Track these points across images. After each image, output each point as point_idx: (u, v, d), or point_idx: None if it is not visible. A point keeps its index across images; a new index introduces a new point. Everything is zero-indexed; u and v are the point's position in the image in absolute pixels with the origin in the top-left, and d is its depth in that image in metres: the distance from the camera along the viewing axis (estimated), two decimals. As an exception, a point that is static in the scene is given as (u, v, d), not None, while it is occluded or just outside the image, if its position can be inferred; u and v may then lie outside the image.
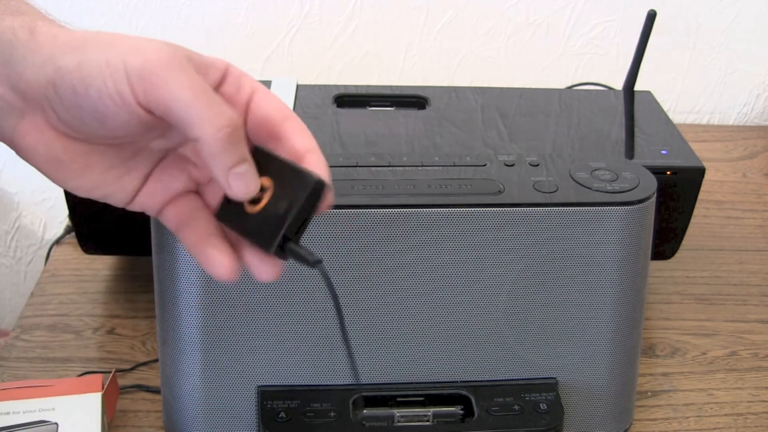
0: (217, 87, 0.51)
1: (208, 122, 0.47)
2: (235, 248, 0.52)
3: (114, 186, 0.52)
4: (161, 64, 0.47)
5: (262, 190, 0.49)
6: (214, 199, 0.53)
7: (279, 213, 0.48)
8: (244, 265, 0.52)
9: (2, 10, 0.50)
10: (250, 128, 0.53)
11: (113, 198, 0.53)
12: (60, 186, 0.53)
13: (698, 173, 0.83)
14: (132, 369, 0.81)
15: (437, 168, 0.68)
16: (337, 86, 0.94)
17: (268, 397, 0.66)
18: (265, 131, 0.52)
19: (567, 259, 0.66)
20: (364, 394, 0.67)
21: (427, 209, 0.64)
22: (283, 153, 0.51)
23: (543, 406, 0.67)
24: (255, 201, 0.49)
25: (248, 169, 0.48)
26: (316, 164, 0.51)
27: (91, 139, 0.51)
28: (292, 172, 0.49)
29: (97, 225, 0.87)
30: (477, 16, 1.22)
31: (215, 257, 0.51)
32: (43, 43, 0.49)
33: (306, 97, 0.92)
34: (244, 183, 0.48)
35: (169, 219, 0.54)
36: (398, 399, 0.68)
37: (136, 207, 0.54)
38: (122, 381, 0.78)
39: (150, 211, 0.54)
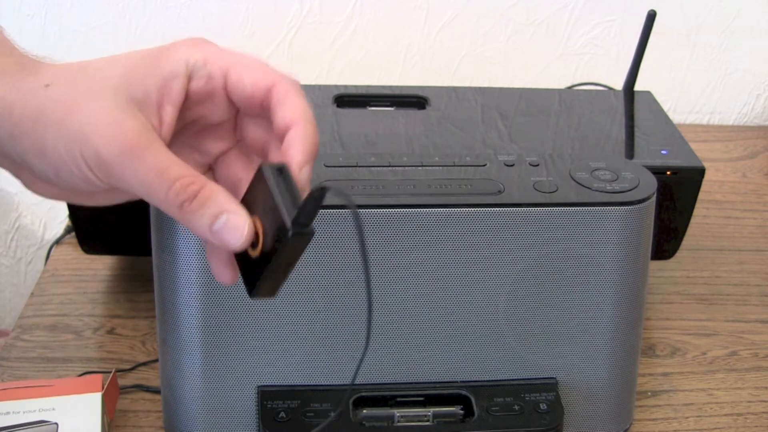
0: (187, 86, 0.50)
1: (168, 203, 0.47)
2: None
3: (129, 196, 0.52)
4: (113, 157, 0.47)
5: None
6: (228, 171, 0.53)
7: (268, 219, 0.47)
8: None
9: None
10: (239, 106, 0.52)
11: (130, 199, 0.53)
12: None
13: (698, 173, 0.83)
14: (132, 369, 0.81)
15: (437, 168, 0.68)
16: (337, 86, 0.94)
17: (268, 397, 0.66)
18: (255, 107, 0.51)
19: (567, 259, 0.66)
20: (363, 394, 0.67)
21: (427, 209, 0.64)
22: (274, 127, 0.50)
23: (543, 406, 0.67)
24: (254, 245, 0.48)
25: (228, 217, 0.47)
26: (296, 143, 0.49)
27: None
28: (274, 212, 0.47)
29: (97, 225, 0.87)
30: (477, 16, 1.22)
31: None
32: (7, 116, 0.49)
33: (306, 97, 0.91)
34: (230, 232, 0.47)
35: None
36: (398, 399, 0.68)
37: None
38: (122, 381, 0.78)
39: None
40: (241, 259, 0.50)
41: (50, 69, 0.50)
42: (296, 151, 0.49)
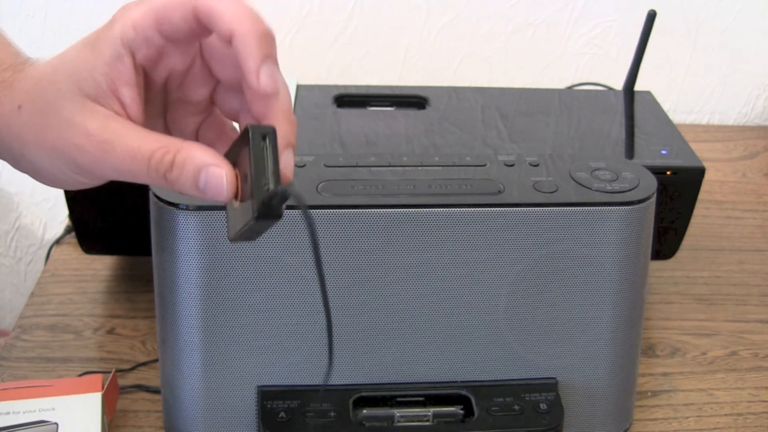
0: (135, 61, 0.50)
1: (153, 179, 0.49)
2: None
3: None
4: (88, 162, 0.50)
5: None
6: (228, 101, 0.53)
7: (249, 183, 0.47)
8: None
9: None
10: (180, 44, 0.51)
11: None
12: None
13: (698, 173, 0.83)
14: (132, 369, 0.81)
15: (437, 168, 0.68)
16: (337, 86, 0.94)
17: (268, 397, 0.66)
18: (191, 38, 0.50)
19: (567, 259, 0.66)
20: (363, 394, 0.67)
21: (427, 209, 0.64)
22: (217, 39, 0.50)
23: (543, 406, 0.67)
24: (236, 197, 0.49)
25: (208, 171, 0.48)
26: (240, 46, 0.48)
27: None
28: (250, 179, 0.47)
29: (97, 225, 0.87)
30: (477, 16, 1.23)
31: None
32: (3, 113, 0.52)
33: (306, 97, 0.92)
34: (214, 186, 0.48)
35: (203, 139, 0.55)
36: (398, 399, 0.68)
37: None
38: (122, 381, 0.78)
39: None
40: (236, 226, 0.50)
41: (21, 84, 0.52)
42: (247, 55, 0.48)
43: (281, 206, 0.47)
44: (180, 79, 0.53)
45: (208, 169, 0.48)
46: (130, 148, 0.48)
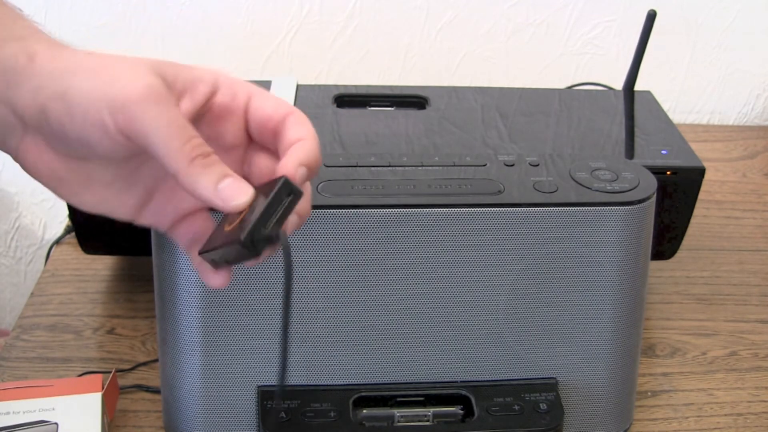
0: (210, 99, 0.52)
1: (182, 154, 0.48)
2: None
3: (116, 201, 0.54)
4: (138, 98, 0.48)
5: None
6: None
7: (251, 217, 0.49)
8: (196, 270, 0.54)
9: (6, 35, 0.52)
10: (253, 132, 0.54)
11: (118, 213, 0.55)
12: (66, 201, 0.55)
13: (698, 173, 0.83)
14: (132, 369, 0.81)
15: (437, 168, 0.68)
16: (337, 86, 0.94)
17: (268, 397, 0.66)
18: (269, 132, 0.53)
19: (567, 259, 0.66)
20: (363, 394, 0.67)
21: (427, 209, 0.64)
22: (280, 147, 0.52)
23: (543, 406, 0.67)
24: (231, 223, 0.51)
25: (232, 181, 0.49)
26: (300, 150, 0.51)
27: (86, 158, 0.52)
28: (252, 214, 0.49)
29: (97, 225, 0.87)
30: (477, 16, 1.23)
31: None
32: (39, 70, 0.50)
33: (306, 97, 0.92)
34: (232, 192, 0.49)
35: (180, 236, 0.55)
36: (398, 399, 0.68)
37: (144, 222, 0.55)
38: (122, 381, 0.78)
39: (160, 228, 0.56)
40: (212, 244, 0.52)
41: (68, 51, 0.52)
42: (295, 153, 0.51)
43: (265, 248, 0.49)
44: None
45: (234, 178, 0.49)
46: (181, 118, 0.49)
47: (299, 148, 0.51)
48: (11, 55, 0.51)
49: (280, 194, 0.49)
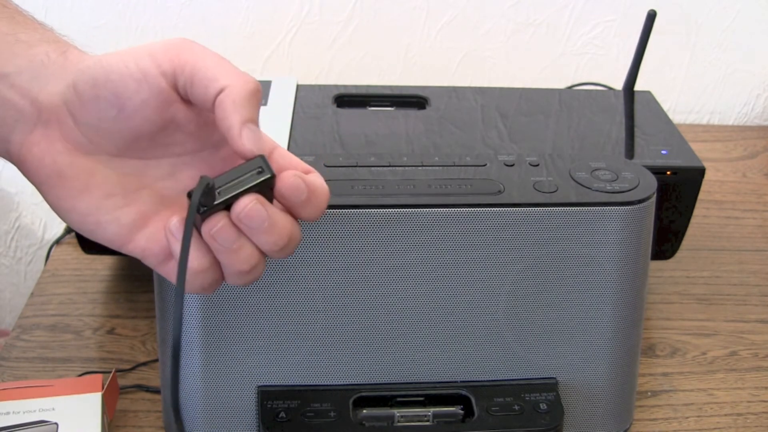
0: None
1: (235, 76, 0.49)
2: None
3: (109, 216, 0.52)
4: (180, 40, 0.50)
5: None
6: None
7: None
8: None
9: (39, 38, 0.53)
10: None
11: (107, 230, 0.53)
12: (54, 209, 0.54)
13: (698, 173, 0.83)
14: (132, 369, 0.81)
15: (437, 168, 0.68)
16: (337, 86, 0.94)
17: (268, 397, 0.66)
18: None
19: (567, 259, 0.66)
20: (363, 394, 0.67)
21: (427, 209, 0.64)
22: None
23: (543, 406, 0.67)
24: None
25: (260, 131, 0.50)
26: (224, 99, 0.50)
27: (102, 145, 0.51)
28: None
29: (97, 225, 0.87)
30: (477, 16, 1.23)
31: None
32: (73, 62, 0.52)
33: (306, 97, 0.92)
34: (254, 139, 0.49)
35: (171, 275, 0.54)
36: (398, 399, 0.68)
37: (134, 248, 0.53)
38: (122, 381, 0.78)
39: (150, 259, 0.54)
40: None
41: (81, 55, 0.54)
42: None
43: (199, 197, 0.49)
44: None
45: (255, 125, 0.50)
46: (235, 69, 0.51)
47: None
48: (43, 52, 0.52)
49: (251, 166, 0.50)
